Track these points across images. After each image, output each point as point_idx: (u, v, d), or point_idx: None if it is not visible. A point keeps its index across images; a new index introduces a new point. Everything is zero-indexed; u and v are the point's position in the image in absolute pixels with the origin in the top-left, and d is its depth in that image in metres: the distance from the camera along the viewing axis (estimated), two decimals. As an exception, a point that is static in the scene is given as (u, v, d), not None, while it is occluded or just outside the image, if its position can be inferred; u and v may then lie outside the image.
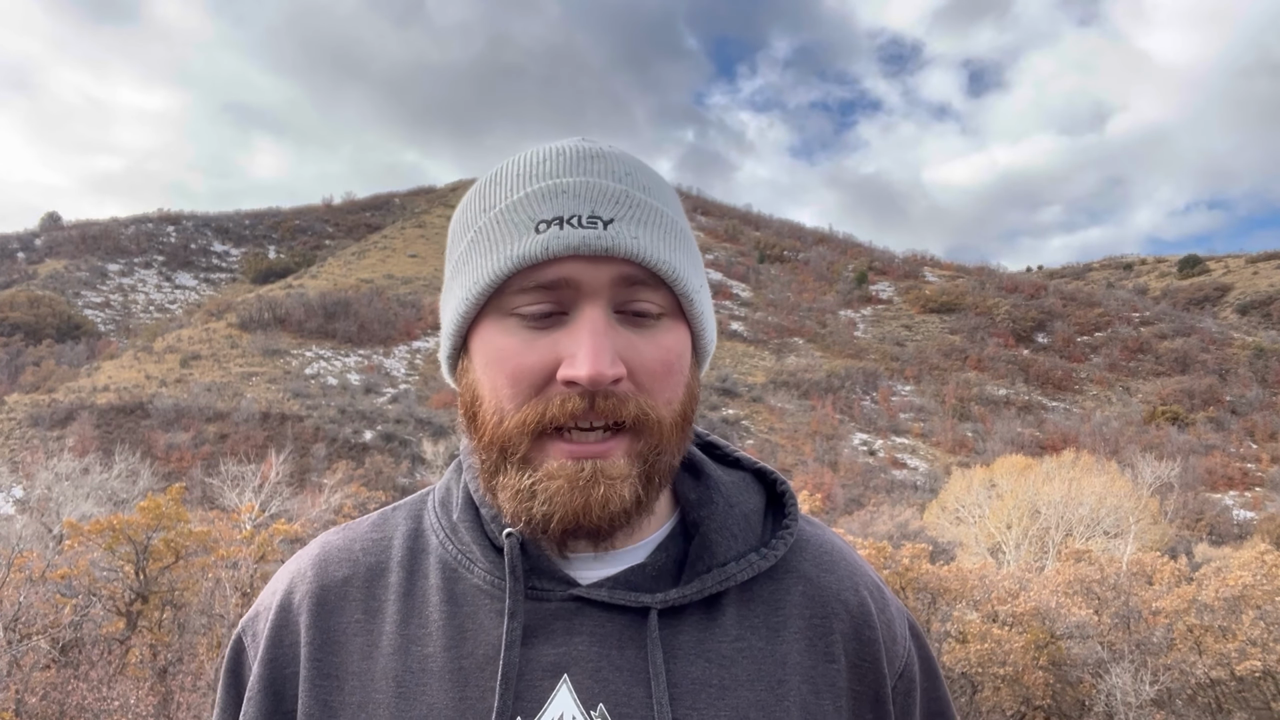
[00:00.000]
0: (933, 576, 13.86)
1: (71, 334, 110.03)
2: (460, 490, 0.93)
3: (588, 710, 0.80)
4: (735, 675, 0.83)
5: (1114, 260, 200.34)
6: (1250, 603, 12.90)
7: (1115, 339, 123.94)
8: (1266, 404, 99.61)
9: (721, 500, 0.90)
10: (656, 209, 0.83)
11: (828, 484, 65.37)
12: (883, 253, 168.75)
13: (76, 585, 13.00)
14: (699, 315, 0.85)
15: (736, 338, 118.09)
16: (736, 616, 0.86)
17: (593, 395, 0.77)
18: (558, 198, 0.80)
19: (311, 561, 0.93)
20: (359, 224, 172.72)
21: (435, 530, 0.92)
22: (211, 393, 79.72)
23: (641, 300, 0.80)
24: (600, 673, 0.82)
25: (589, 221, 0.78)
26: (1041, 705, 12.90)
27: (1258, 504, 66.17)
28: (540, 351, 0.79)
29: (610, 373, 0.76)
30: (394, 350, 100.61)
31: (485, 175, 0.88)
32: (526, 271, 0.78)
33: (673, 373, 0.83)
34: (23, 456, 49.78)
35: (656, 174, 0.89)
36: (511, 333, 0.80)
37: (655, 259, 0.79)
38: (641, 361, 0.80)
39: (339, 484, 31.54)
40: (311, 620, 0.88)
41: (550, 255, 0.77)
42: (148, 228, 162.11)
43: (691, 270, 0.84)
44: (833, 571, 0.92)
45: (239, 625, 0.96)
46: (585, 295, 0.78)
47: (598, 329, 0.77)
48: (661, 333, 0.82)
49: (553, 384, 0.79)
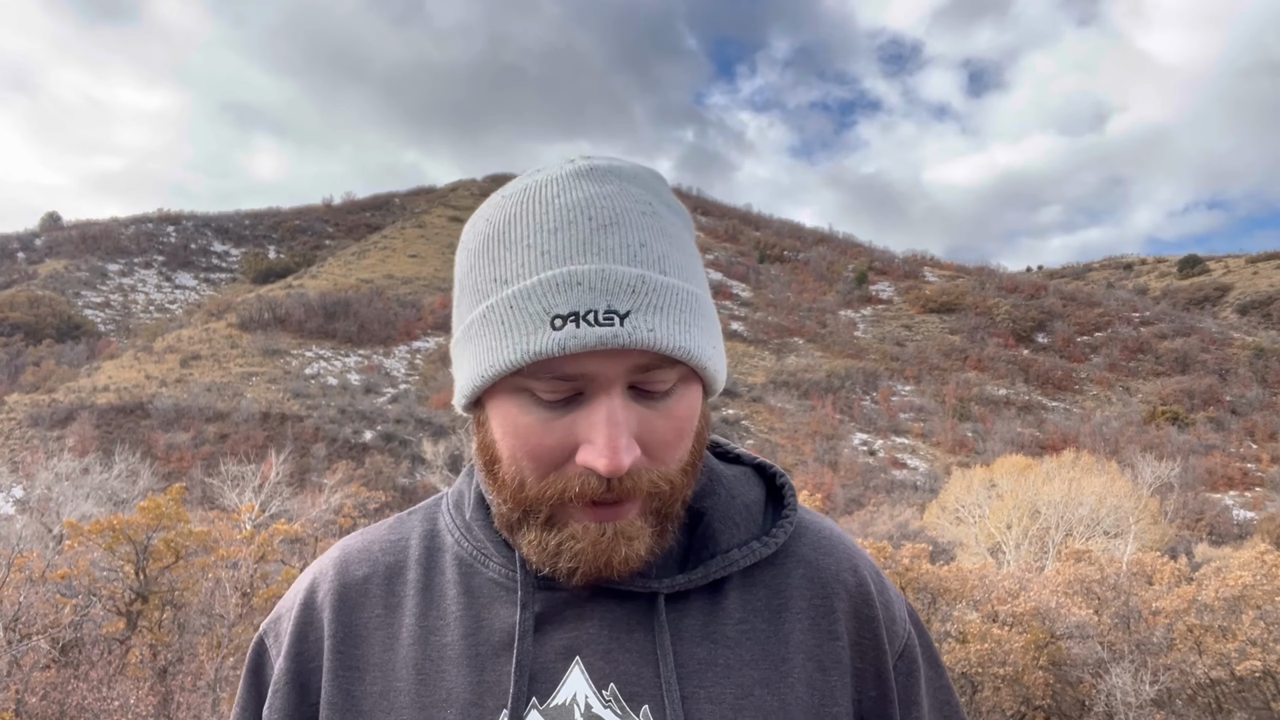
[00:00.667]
0: (933, 576, 13.87)
1: (71, 334, 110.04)
2: (472, 492, 0.96)
3: (599, 690, 0.84)
4: (740, 656, 0.86)
5: (1114, 260, 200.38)
6: (1250, 603, 12.90)
7: (1115, 339, 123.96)
8: (1266, 404, 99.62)
9: (724, 492, 0.94)
10: (672, 288, 0.81)
11: (828, 484, 65.38)
12: (883, 253, 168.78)
13: (76, 585, 13.00)
14: (712, 375, 0.85)
15: (736, 338, 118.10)
16: (740, 601, 0.90)
17: (609, 480, 0.80)
18: (572, 290, 0.78)
19: (333, 563, 0.97)
20: (359, 224, 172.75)
21: (450, 530, 0.96)
22: (211, 393, 79.73)
23: (656, 381, 0.81)
24: (611, 654, 0.85)
25: (605, 319, 0.77)
26: (1041, 705, 12.90)
27: (1258, 504, 66.19)
28: (559, 434, 0.80)
29: (627, 462, 0.78)
30: (394, 350, 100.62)
31: (496, 218, 0.85)
32: (543, 364, 0.79)
33: (684, 437, 0.84)
34: (23, 456, 49.78)
35: (667, 218, 0.86)
36: (528, 411, 0.81)
37: (672, 347, 0.79)
38: (655, 436, 0.82)
39: (339, 484, 31.53)
40: (334, 615, 0.92)
41: (566, 353, 0.77)
42: (148, 228, 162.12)
43: (709, 343, 0.84)
44: (831, 554, 0.95)
45: (261, 627, 0.99)
46: (600, 385, 0.79)
47: (614, 419, 0.78)
48: (674, 402, 0.83)
49: (571, 463, 0.81)
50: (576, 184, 0.83)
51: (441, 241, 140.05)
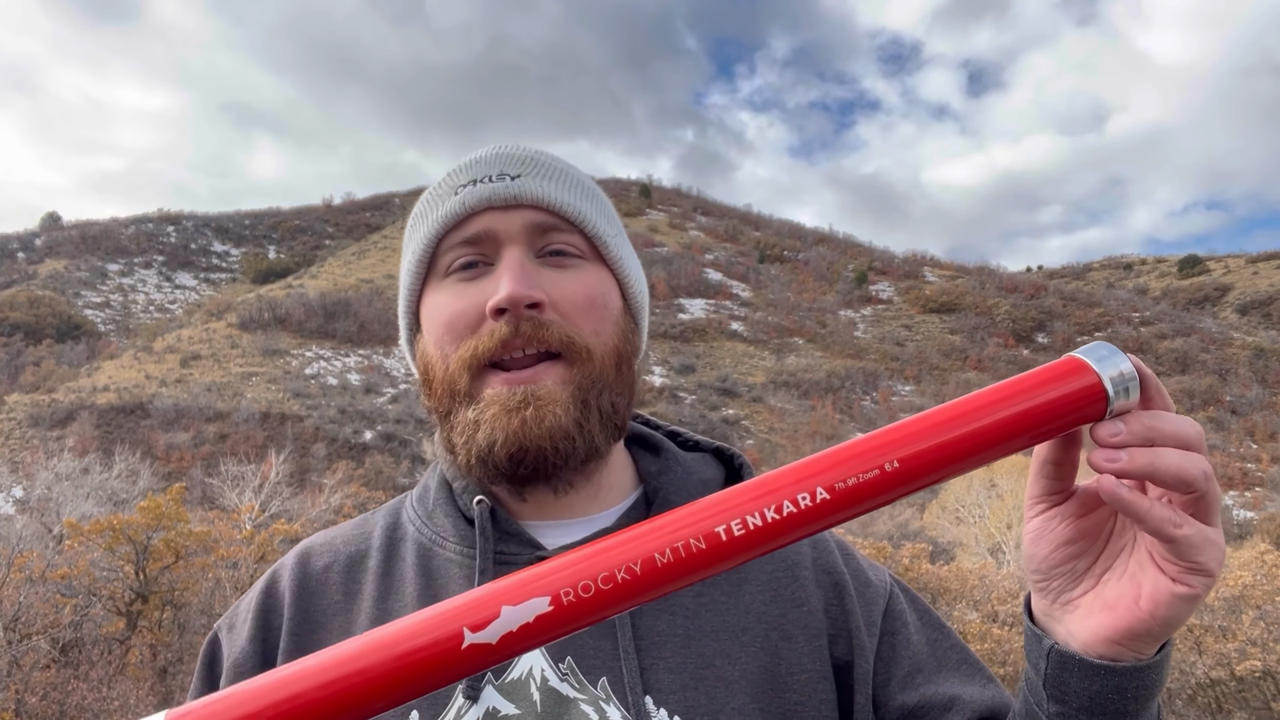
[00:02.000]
0: (933, 576, 13.87)
1: (71, 334, 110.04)
2: (436, 478, 0.99)
3: (556, 663, 0.84)
4: (700, 626, 0.87)
5: (1114, 260, 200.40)
6: (1250, 603, 12.89)
7: (1115, 339, 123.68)
8: (1266, 404, 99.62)
9: (680, 470, 0.97)
10: (563, 168, 0.93)
11: (828, 484, 65.28)
12: (883, 253, 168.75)
13: (76, 585, 12.99)
14: (618, 259, 0.93)
15: (736, 338, 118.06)
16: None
17: (517, 322, 0.84)
18: (475, 166, 0.91)
19: (294, 556, 0.99)
20: (359, 224, 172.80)
21: (412, 520, 0.98)
22: (211, 393, 79.72)
23: (556, 241, 0.88)
24: None
25: (499, 177, 0.88)
26: (1041, 705, 12.90)
27: (1258, 504, 66.16)
28: (470, 297, 0.87)
29: (527, 294, 0.83)
30: (394, 350, 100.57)
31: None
32: (451, 232, 0.89)
33: (595, 305, 0.88)
34: (23, 456, 49.76)
35: (580, 170, 0.97)
36: (447, 289, 0.89)
37: (561, 203, 0.88)
38: (562, 293, 0.87)
39: (339, 484, 31.52)
40: (294, 601, 0.93)
41: (467, 210, 0.87)
42: (148, 228, 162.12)
43: (600, 218, 0.92)
44: None
45: (217, 623, 0.99)
46: (504, 243, 0.87)
47: (514, 263, 0.86)
48: (581, 271, 0.89)
49: (484, 322, 0.86)
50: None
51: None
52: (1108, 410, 0.61)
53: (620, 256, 0.93)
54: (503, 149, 0.93)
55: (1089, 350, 0.63)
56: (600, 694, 0.83)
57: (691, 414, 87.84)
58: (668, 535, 0.58)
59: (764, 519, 0.58)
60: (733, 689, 0.84)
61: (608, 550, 0.58)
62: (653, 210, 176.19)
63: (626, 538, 0.59)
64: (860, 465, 0.60)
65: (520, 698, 0.83)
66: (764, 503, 0.59)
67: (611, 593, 0.57)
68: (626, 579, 0.57)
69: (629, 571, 0.57)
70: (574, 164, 0.98)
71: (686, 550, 0.57)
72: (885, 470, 0.59)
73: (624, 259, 0.94)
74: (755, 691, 0.84)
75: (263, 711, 0.52)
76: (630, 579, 0.57)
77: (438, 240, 0.89)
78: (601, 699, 0.82)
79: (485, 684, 0.83)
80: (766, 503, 0.59)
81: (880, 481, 0.59)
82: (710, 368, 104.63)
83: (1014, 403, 0.61)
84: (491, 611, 0.56)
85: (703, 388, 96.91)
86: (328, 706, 0.53)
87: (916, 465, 0.60)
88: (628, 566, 0.57)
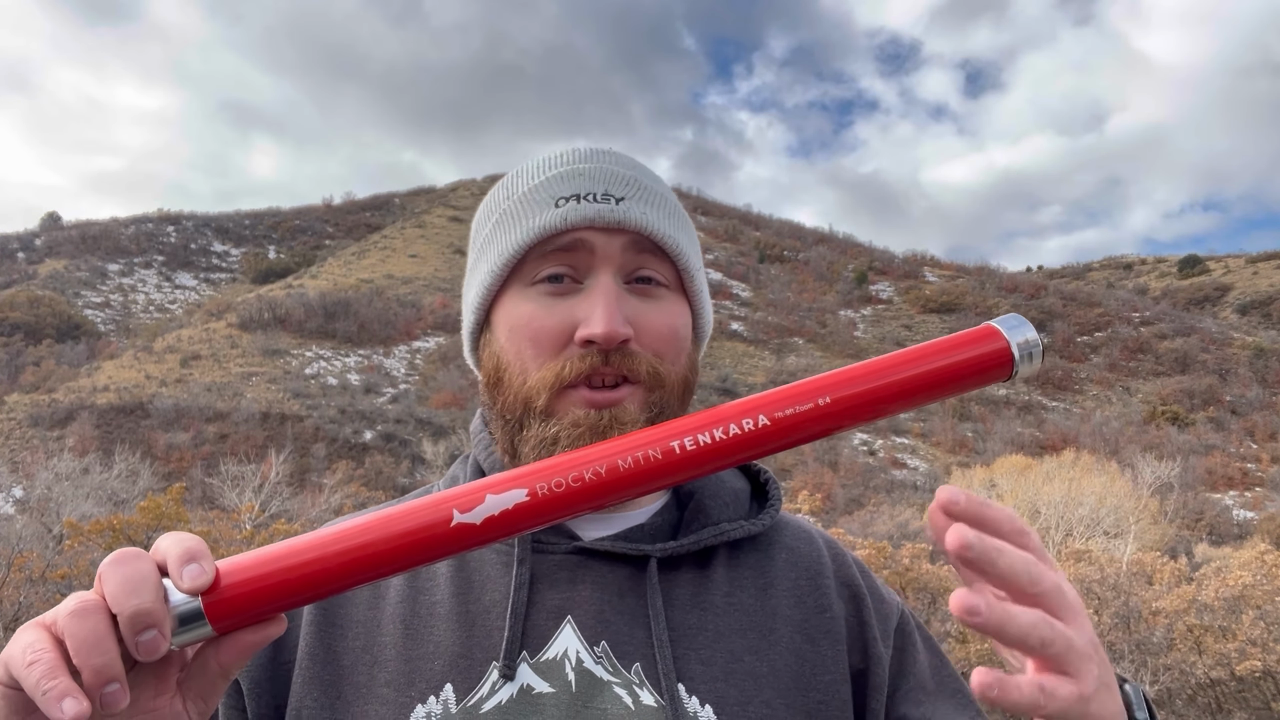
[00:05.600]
0: (933, 576, 13.87)
1: (71, 334, 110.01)
2: (469, 466, 1.00)
3: (591, 646, 0.85)
4: (729, 624, 0.89)
5: (1114, 260, 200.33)
6: (1250, 603, 12.88)
7: (1115, 339, 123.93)
8: (1266, 404, 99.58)
9: (713, 478, 0.98)
10: (662, 194, 0.94)
11: (828, 484, 65.33)
12: (883, 253, 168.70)
13: (76, 585, 12.98)
14: (698, 293, 0.95)
15: (736, 338, 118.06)
16: (727, 577, 0.92)
17: (607, 353, 0.85)
18: (576, 179, 0.90)
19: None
20: (359, 224, 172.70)
21: None
22: (211, 393, 79.70)
23: (648, 269, 0.90)
24: (603, 615, 0.87)
25: (603, 198, 0.88)
26: (1041, 705, 12.88)
27: (1258, 504, 66.12)
28: (559, 315, 0.87)
29: (622, 331, 0.85)
30: (394, 350, 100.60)
31: (510, 172, 0.98)
32: (546, 240, 0.88)
33: (677, 339, 0.91)
34: (23, 456, 49.74)
35: (660, 178, 0.99)
36: (533, 300, 0.89)
37: (662, 233, 0.89)
38: (649, 325, 0.88)
39: (339, 484, 31.55)
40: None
41: (568, 225, 0.87)
42: (148, 228, 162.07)
43: (692, 251, 0.94)
44: (812, 543, 1.00)
45: None
46: (599, 262, 0.88)
47: (610, 293, 0.86)
48: (667, 303, 0.91)
49: (571, 345, 0.86)
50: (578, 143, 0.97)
51: (441, 241, 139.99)
52: (1013, 372, 0.71)
53: (699, 289, 0.95)
54: (605, 164, 0.93)
55: (1003, 320, 0.73)
56: (634, 679, 0.84)
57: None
58: (631, 446, 0.67)
59: (713, 438, 0.67)
60: (761, 684, 0.86)
61: (580, 456, 0.67)
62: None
63: (598, 448, 0.68)
64: (798, 400, 0.68)
65: (555, 677, 0.84)
66: (714, 425, 0.68)
67: (580, 490, 0.65)
68: (594, 479, 0.65)
69: (595, 474, 0.65)
70: (662, 180, 0.99)
71: (646, 459, 0.66)
72: (819, 405, 0.68)
73: (701, 291, 0.95)
74: (782, 688, 0.86)
75: (286, 569, 0.61)
76: (596, 479, 0.65)
77: (530, 248, 0.89)
78: (635, 683, 0.84)
79: (521, 662, 0.84)
80: (716, 425, 0.67)
81: (813, 414, 0.68)
82: (710, 368, 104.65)
83: (935, 359, 0.70)
84: (477, 497, 0.64)
85: (703, 388, 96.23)
86: (338, 570, 0.62)
87: (846, 404, 0.69)
88: (594, 470, 0.65)
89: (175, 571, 0.59)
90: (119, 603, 0.57)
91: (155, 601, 0.58)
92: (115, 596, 0.58)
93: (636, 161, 0.97)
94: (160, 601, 0.58)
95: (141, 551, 0.60)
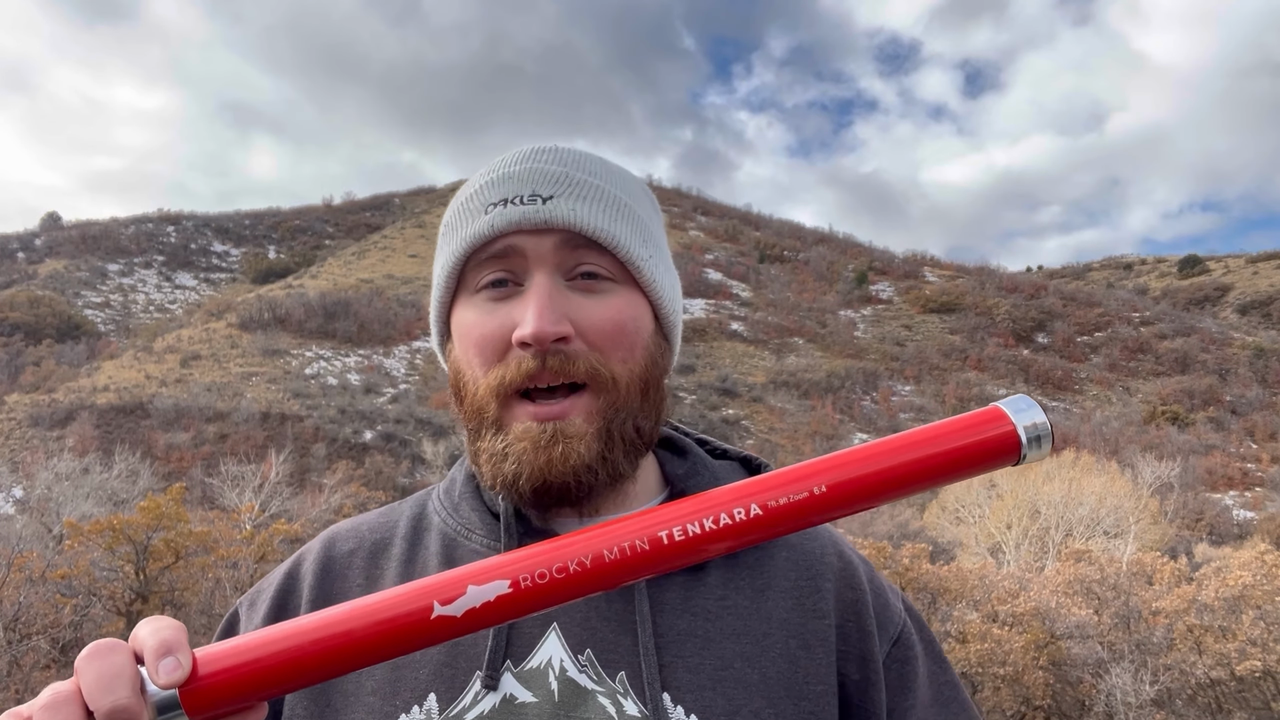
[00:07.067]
0: (933, 576, 13.86)
1: (71, 334, 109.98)
2: (463, 472, 1.00)
3: (575, 655, 0.84)
4: (720, 629, 0.86)
5: (1114, 260, 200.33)
6: (1250, 603, 12.88)
7: (1115, 339, 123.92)
8: (1266, 404, 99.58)
9: (708, 474, 0.97)
10: (597, 186, 0.90)
11: (828, 484, 65.18)
12: (883, 253, 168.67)
13: (76, 585, 12.98)
14: (651, 283, 0.91)
15: (736, 338, 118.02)
16: (721, 578, 0.90)
17: (544, 355, 0.83)
18: (505, 183, 0.89)
19: (320, 540, 1.00)
20: (359, 224, 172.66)
21: (438, 510, 0.99)
22: (211, 393, 79.68)
23: (586, 264, 0.87)
24: (589, 622, 0.85)
25: (530, 199, 0.86)
26: (1041, 705, 12.89)
27: (1258, 504, 66.13)
28: (499, 319, 0.86)
29: (553, 330, 0.82)
30: (394, 350, 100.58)
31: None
32: (481, 248, 0.88)
33: (625, 333, 0.88)
34: (23, 456, 49.75)
35: (616, 167, 0.96)
36: (477, 306, 0.88)
37: (594, 227, 0.86)
38: (591, 321, 0.86)
39: (339, 484, 31.56)
40: (315, 583, 0.94)
41: (495, 232, 0.86)
42: (148, 228, 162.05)
43: (637, 240, 0.90)
44: (816, 540, 0.96)
45: (239, 599, 1.00)
46: (533, 264, 0.86)
47: (543, 293, 0.84)
48: (612, 296, 0.88)
49: (511, 349, 0.85)
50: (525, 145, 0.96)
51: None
52: (1020, 457, 0.67)
53: (653, 278, 0.91)
54: (537, 163, 0.90)
55: (1010, 402, 0.69)
56: (618, 688, 0.83)
57: (691, 414, 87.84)
58: (617, 536, 0.65)
59: (702, 528, 0.64)
60: (750, 692, 0.84)
61: (565, 545, 0.65)
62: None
63: (583, 536, 0.66)
64: (792, 488, 0.65)
65: (538, 686, 0.83)
66: (705, 514, 0.65)
67: (564, 581, 0.63)
68: (578, 570, 0.63)
69: (580, 565, 0.63)
70: (617, 167, 0.96)
71: (632, 550, 0.64)
72: (814, 493, 0.65)
73: (657, 280, 0.92)
74: (773, 696, 0.84)
75: (264, 659, 0.60)
76: (581, 570, 0.63)
77: (466, 258, 0.89)
78: (619, 693, 0.83)
79: (504, 671, 0.83)
80: (706, 514, 0.65)
81: (808, 503, 0.65)
82: (710, 368, 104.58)
83: (938, 443, 0.67)
84: (459, 589, 0.63)
85: (703, 388, 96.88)
86: (316, 660, 0.61)
87: (843, 492, 0.65)
88: (579, 560, 0.63)
89: (152, 665, 0.58)
90: (95, 700, 0.57)
91: (131, 697, 0.57)
92: (91, 693, 0.57)
93: (582, 155, 0.93)
94: (136, 696, 0.58)
95: (117, 643, 0.60)
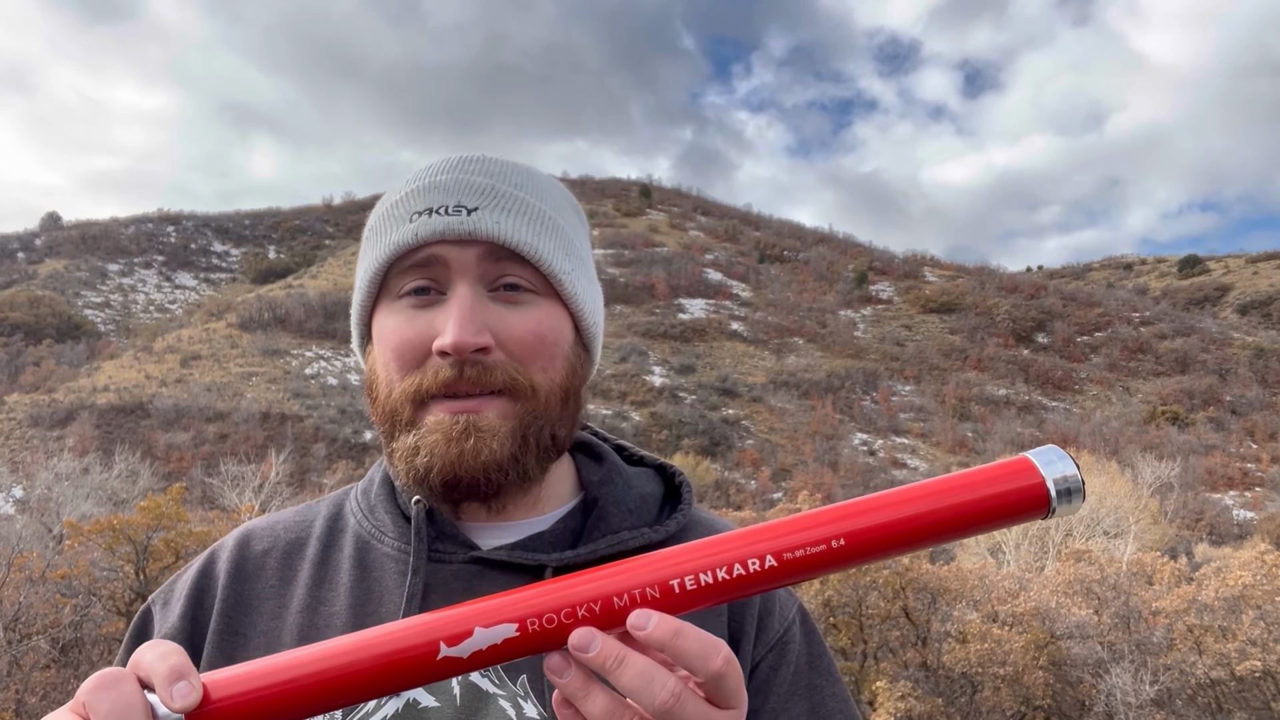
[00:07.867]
0: (932, 576, 13.85)
1: (71, 334, 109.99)
2: (380, 473, 1.01)
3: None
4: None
5: (1114, 260, 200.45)
6: (1250, 603, 12.88)
7: (1115, 339, 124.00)
8: (1266, 404, 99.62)
9: (621, 481, 0.98)
10: (522, 199, 0.90)
11: (828, 484, 65.37)
12: (883, 253, 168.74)
13: (76, 585, 12.98)
14: (573, 295, 0.91)
15: (736, 338, 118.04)
16: None
17: (462, 365, 0.84)
18: (430, 192, 0.89)
19: (234, 538, 1.00)
20: (359, 224, 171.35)
21: (354, 512, 0.99)
22: (211, 393, 79.72)
23: (509, 275, 0.87)
24: None
25: (455, 210, 0.87)
26: (1041, 705, 12.89)
27: (1258, 504, 66.18)
28: (419, 326, 0.86)
29: (473, 340, 0.83)
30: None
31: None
32: (404, 256, 0.88)
33: (545, 344, 0.88)
34: (23, 456, 49.75)
35: (544, 179, 0.97)
36: (399, 313, 0.88)
37: (517, 240, 0.87)
38: (512, 332, 0.86)
39: (339, 484, 31.52)
40: (228, 583, 0.94)
41: (420, 241, 0.86)
42: (148, 228, 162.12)
43: (560, 253, 0.90)
44: None
45: (151, 596, 0.99)
46: (455, 273, 0.86)
47: (464, 302, 0.85)
48: (533, 308, 0.88)
49: (430, 356, 0.85)
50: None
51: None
52: (1049, 511, 0.64)
53: (575, 291, 0.92)
54: (463, 174, 0.91)
55: (1039, 453, 0.66)
56: (519, 690, 0.84)
57: (691, 414, 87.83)
58: (628, 581, 0.63)
59: (715, 578, 0.63)
60: None
61: (574, 589, 0.63)
62: (653, 210, 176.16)
63: (593, 580, 0.64)
64: (809, 539, 0.63)
65: (440, 690, 0.84)
66: (717, 563, 0.63)
67: (571, 627, 0.62)
68: (586, 616, 0.62)
69: (589, 610, 0.62)
70: (545, 179, 0.97)
71: (643, 597, 0.62)
72: (831, 547, 0.63)
73: (578, 294, 0.92)
74: None
75: (268, 688, 0.60)
76: (589, 616, 0.62)
77: (389, 264, 0.89)
78: (520, 695, 0.84)
79: None
80: (719, 563, 0.63)
81: (825, 556, 0.63)
82: (710, 368, 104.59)
83: (961, 494, 0.64)
84: (465, 630, 0.62)
85: (703, 388, 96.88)
86: (318, 691, 0.60)
87: (861, 544, 0.63)
88: (588, 605, 0.62)
89: (164, 690, 0.58)
90: None
91: None
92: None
93: (509, 166, 0.94)
94: None
95: (123, 672, 0.59)
